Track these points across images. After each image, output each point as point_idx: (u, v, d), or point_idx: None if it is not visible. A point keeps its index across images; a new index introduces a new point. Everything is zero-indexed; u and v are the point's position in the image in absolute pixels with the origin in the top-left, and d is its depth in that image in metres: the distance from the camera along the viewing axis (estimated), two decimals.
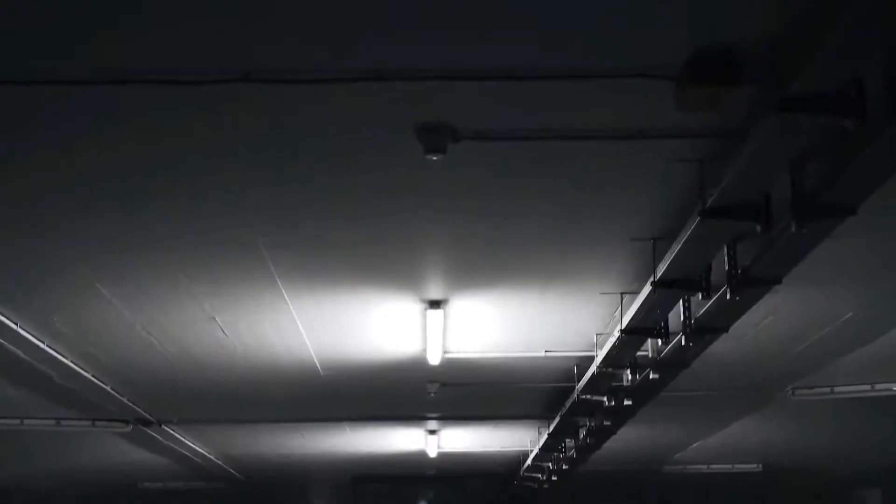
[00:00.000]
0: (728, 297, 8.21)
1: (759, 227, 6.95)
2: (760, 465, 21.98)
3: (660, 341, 10.30)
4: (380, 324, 11.43)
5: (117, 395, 14.34)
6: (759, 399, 15.18)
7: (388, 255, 9.22)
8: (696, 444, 19.81)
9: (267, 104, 6.43)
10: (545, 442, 17.54)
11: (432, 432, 18.88)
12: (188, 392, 14.69)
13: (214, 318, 11.01)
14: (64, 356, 12.08)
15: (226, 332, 11.51)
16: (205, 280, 9.79)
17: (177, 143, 7.00)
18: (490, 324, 11.51)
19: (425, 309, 10.73)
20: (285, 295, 10.17)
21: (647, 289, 8.86)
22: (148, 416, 16.09)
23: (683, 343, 9.71)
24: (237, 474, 22.99)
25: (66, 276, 9.61)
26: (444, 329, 11.45)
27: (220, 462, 21.23)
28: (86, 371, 12.86)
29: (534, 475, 21.56)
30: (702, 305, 9.00)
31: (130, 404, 15.00)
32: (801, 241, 7.10)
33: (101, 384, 13.55)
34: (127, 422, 16.22)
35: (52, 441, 17.39)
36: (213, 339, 11.83)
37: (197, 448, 19.31)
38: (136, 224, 8.39)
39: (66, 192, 7.77)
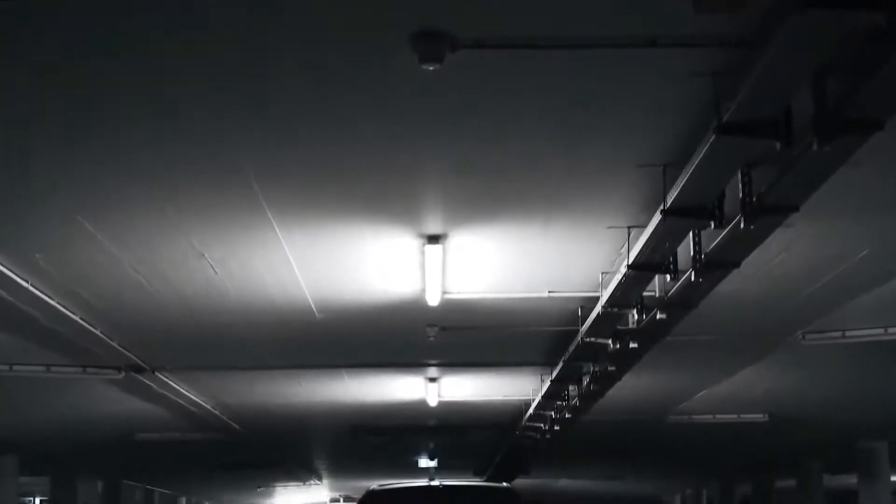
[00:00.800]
0: (742, 226, 7.80)
1: (778, 146, 6.51)
2: (767, 415, 21.61)
3: (668, 278, 9.89)
4: (376, 261, 11.00)
5: (107, 340, 13.93)
6: (768, 344, 14.79)
7: (382, 183, 8.77)
8: (701, 394, 19.46)
9: (249, 14, 6.01)
10: (548, 389, 17.19)
11: (432, 380, 18.52)
12: (181, 336, 14.29)
13: (204, 255, 10.57)
14: (49, 297, 11.65)
15: (216, 270, 11.07)
16: (192, 212, 9.34)
17: (158, 60, 6.55)
18: (491, 261, 11.08)
19: (423, 244, 10.28)
20: (276, 228, 9.72)
21: (656, 218, 8.43)
22: (140, 362, 15.68)
23: (693, 279, 9.32)
24: (234, 424, 22.66)
25: (45, 208, 9.18)
26: (444, 267, 11.02)
27: (216, 411, 20.89)
28: (73, 313, 12.44)
29: (536, 425, 21.26)
30: (713, 238, 8.61)
31: (121, 349, 14.60)
32: (822, 162, 6.69)
33: (89, 327, 13.15)
34: (119, 368, 15.81)
35: (44, 388, 17.01)
36: (204, 279, 11.40)
37: (192, 396, 18.95)
38: (117, 149, 7.94)
39: (40, 116, 7.32)
